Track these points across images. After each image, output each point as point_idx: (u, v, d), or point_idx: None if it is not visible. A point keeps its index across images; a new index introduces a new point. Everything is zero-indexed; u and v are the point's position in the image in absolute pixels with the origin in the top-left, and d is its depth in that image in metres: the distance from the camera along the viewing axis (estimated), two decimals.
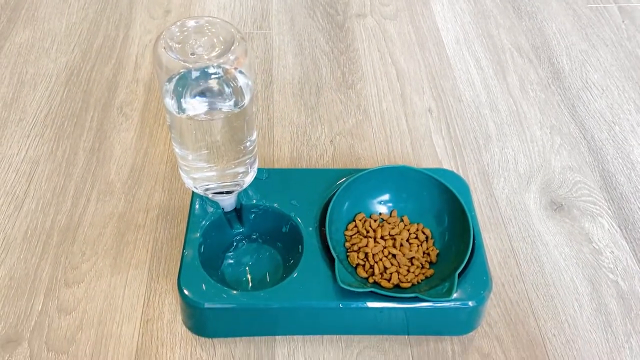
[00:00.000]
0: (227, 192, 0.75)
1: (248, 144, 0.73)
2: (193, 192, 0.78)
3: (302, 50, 1.14)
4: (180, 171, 0.75)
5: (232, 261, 0.79)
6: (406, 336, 0.74)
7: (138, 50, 1.13)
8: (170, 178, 0.91)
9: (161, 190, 0.89)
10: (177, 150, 0.72)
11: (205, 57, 0.62)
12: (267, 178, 0.81)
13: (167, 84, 0.66)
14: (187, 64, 0.61)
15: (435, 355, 0.72)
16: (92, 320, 0.74)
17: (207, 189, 0.75)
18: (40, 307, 0.75)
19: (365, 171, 0.79)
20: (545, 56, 1.14)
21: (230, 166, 0.73)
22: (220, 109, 0.67)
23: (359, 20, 1.22)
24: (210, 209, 0.77)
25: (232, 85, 0.68)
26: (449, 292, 0.67)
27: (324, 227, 0.74)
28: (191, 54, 0.61)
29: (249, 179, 0.76)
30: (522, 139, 0.98)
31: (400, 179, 0.79)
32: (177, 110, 0.66)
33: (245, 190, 0.78)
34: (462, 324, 0.73)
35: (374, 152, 0.96)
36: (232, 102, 0.68)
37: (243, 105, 0.68)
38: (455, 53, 1.14)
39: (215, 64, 0.62)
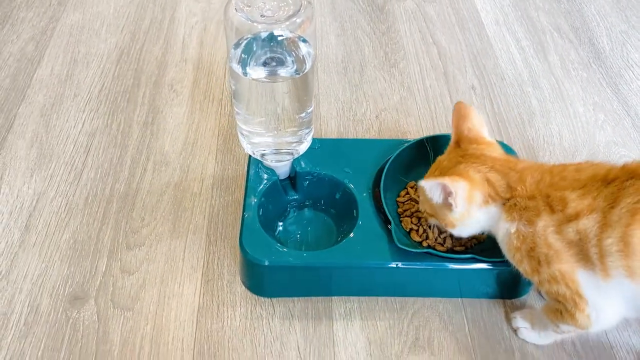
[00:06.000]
0: (282, 159, 0.78)
1: (304, 114, 0.75)
2: (249, 160, 0.80)
3: (344, 31, 1.16)
4: (240, 136, 0.78)
5: (287, 227, 0.81)
6: (459, 299, 0.76)
7: (185, 31, 1.16)
8: (223, 150, 0.93)
9: (214, 162, 0.92)
10: (238, 114, 0.74)
11: (274, 19, 0.64)
12: (320, 147, 0.83)
13: (234, 49, 0.68)
14: (256, 25, 0.64)
15: (488, 317, 0.74)
16: (155, 280, 0.77)
17: (263, 154, 0.77)
18: (104, 268, 0.78)
19: (417, 139, 0.81)
20: (586, 37, 1.15)
21: (287, 133, 0.76)
22: (283, 73, 0.70)
23: (398, 3, 1.23)
24: (265, 176, 0.79)
25: (294, 51, 0.70)
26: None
27: (379, 191, 0.76)
28: (261, 16, 0.64)
29: (303, 147, 0.79)
30: (565, 115, 1.00)
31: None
32: (242, 72, 0.68)
33: (299, 158, 0.80)
34: (515, 286, 0.74)
35: (419, 127, 0.97)
36: (293, 68, 0.70)
37: (304, 70, 0.70)
38: (495, 34, 1.16)
39: (282, 26, 0.65)
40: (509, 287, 0.74)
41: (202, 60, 1.09)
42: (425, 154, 0.82)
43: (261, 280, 0.74)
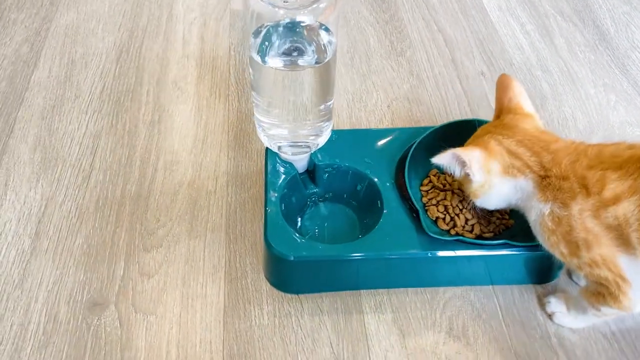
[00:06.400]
0: (300, 152, 0.76)
1: (323, 107, 0.73)
2: (266, 154, 0.78)
3: (347, 21, 1.14)
4: (258, 128, 0.75)
5: (308, 221, 0.79)
6: (490, 286, 0.74)
7: (184, 27, 1.13)
8: (234, 146, 0.91)
9: (226, 158, 0.89)
10: (257, 105, 0.72)
11: (297, 4, 0.62)
12: (337, 139, 0.81)
13: (254, 37, 0.66)
14: (277, 10, 0.62)
15: (521, 303, 0.73)
16: (176, 282, 0.74)
17: (280, 147, 0.75)
18: (122, 272, 0.75)
19: (438, 126, 0.79)
20: (589, 19, 1.14)
21: (306, 125, 0.74)
22: (302, 63, 0.68)
23: None
24: (284, 170, 0.77)
25: (315, 40, 0.68)
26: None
27: (405, 180, 0.74)
28: (284, 1, 0.62)
29: (322, 140, 0.77)
30: (577, 98, 0.99)
31: (472, 133, 0.79)
32: (262, 61, 0.66)
33: (316, 151, 0.78)
34: (547, 271, 0.73)
35: (432, 115, 0.96)
36: (314, 57, 0.68)
37: (325, 60, 0.68)
38: (499, 19, 1.15)
39: (304, 12, 0.62)
40: (541, 272, 0.73)
41: (204, 56, 1.07)
42: (446, 140, 0.80)
43: (288, 276, 0.72)
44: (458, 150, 0.62)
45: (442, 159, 0.63)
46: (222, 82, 1.02)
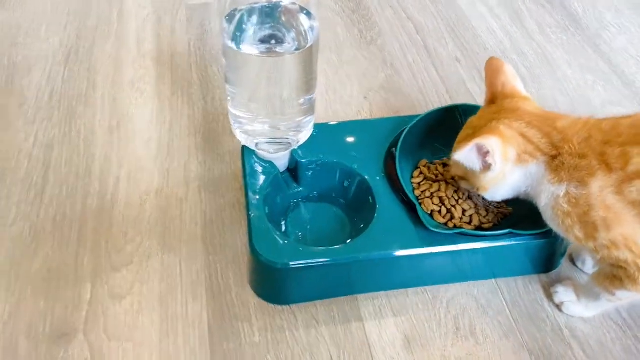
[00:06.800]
0: (280, 149, 0.69)
1: (303, 100, 0.67)
2: (243, 154, 0.71)
3: None
4: (233, 125, 0.69)
5: (293, 224, 0.72)
6: (493, 280, 0.70)
7: (137, 25, 1.04)
8: (204, 149, 0.83)
9: (197, 163, 0.82)
10: (232, 99, 0.65)
11: None
12: (319, 133, 0.75)
13: (228, 22, 0.59)
14: None
15: (527, 295, 0.68)
16: (152, 303, 0.66)
17: (259, 144, 0.69)
18: (89, 295, 0.67)
19: (424, 114, 0.74)
20: (557, 1, 1.13)
21: (285, 119, 0.68)
22: (281, 50, 0.62)
23: None
24: (261, 169, 0.70)
25: (295, 25, 0.62)
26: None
27: (397, 172, 0.69)
28: None
29: (303, 136, 0.71)
30: (555, 79, 0.96)
31: (462, 118, 0.75)
32: (236, 47, 0.59)
33: (298, 148, 0.72)
34: (551, 259, 0.69)
35: (411, 104, 0.91)
36: (294, 45, 0.62)
37: (306, 46, 0.62)
38: (467, 4, 1.11)
39: None
40: (545, 260, 0.69)
41: (162, 54, 0.98)
42: (435, 130, 0.76)
43: (278, 286, 0.66)
44: (479, 140, 0.57)
45: (464, 153, 0.58)
46: (184, 80, 0.94)
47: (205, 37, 1.02)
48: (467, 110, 0.74)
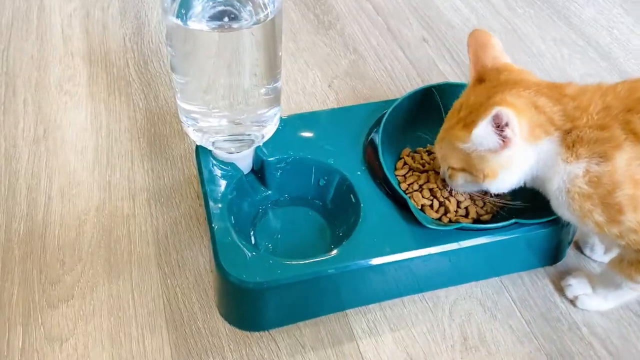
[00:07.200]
0: (242, 147, 0.59)
1: (265, 89, 0.57)
2: (198, 157, 0.61)
3: None
4: (185, 122, 0.58)
5: (264, 233, 0.62)
6: (496, 278, 0.62)
7: (62, 20, 0.91)
8: (149, 155, 0.72)
9: (142, 171, 0.70)
10: (181, 90, 0.55)
11: None
12: (285, 127, 0.65)
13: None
14: None
15: (536, 292, 0.60)
16: (101, 343, 0.55)
17: (216, 142, 0.58)
18: (20, 341, 0.54)
19: (402, 97, 0.65)
20: None
21: (247, 112, 0.57)
22: (236, 25, 0.51)
23: None
24: (221, 172, 0.60)
25: None
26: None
27: (381, 163, 0.59)
28: None
29: (267, 132, 0.60)
30: (529, 55, 0.90)
31: (443, 99, 0.66)
32: (182, 23, 0.49)
33: (262, 145, 0.62)
34: (558, 249, 0.61)
35: (380, 89, 0.82)
36: (251, 20, 0.52)
37: (266, 19, 0.52)
38: None
39: None
40: (552, 251, 0.61)
41: (93, 52, 0.86)
42: (415, 115, 0.67)
43: (253, 309, 0.55)
44: (497, 110, 0.47)
45: (482, 127, 0.48)
46: (121, 79, 0.82)
47: (142, 30, 0.90)
48: (447, 90, 0.66)
